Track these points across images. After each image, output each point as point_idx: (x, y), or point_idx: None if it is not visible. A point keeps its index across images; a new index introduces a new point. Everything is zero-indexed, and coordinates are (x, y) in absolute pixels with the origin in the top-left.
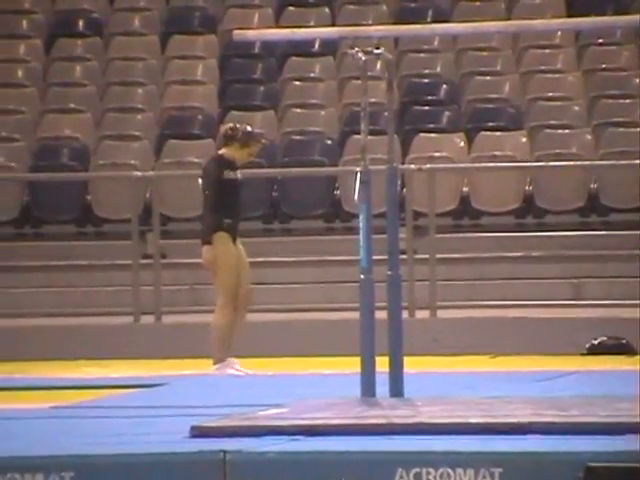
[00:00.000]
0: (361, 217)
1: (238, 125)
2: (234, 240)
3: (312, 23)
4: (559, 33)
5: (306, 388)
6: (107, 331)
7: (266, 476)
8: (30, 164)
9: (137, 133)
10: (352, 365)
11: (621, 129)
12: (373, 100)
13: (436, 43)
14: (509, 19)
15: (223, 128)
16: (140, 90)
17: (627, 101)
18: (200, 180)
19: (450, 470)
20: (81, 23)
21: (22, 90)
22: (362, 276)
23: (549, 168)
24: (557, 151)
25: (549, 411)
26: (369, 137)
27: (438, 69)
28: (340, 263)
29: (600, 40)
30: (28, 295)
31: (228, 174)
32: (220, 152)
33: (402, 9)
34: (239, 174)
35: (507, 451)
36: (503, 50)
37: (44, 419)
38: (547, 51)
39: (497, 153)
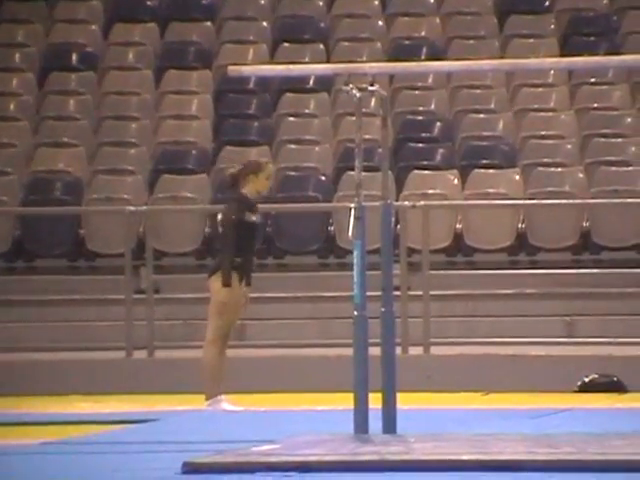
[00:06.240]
0: (355, 253)
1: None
2: (241, 280)
3: (307, 59)
4: (552, 72)
5: (299, 424)
6: (100, 366)
7: None
8: (22, 198)
9: (131, 167)
10: (345, 401)
11: (613, 168)
12: (367, 136)
13: (430, 80)
14: (503, 57)
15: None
16: (134, 124)
17: (619, 140)
18: (219, 217)
19: None
20: (75, 57)
21: (15, 123)
22: (356, 312)
23: (542, 206)
24: (550, 189)
25: (542, 449)
26: (363, 173)
27: (432, 106)
28: (334, 299)
29: (593, 79)
30: (20, 330)
31: (249, 217)
32: (243, 191)
33: (397, 46)
34: (259, 217)
35: None
36: (497, 88)
37: (33, 455)
38: (540, 89)
39: (490, 190)
